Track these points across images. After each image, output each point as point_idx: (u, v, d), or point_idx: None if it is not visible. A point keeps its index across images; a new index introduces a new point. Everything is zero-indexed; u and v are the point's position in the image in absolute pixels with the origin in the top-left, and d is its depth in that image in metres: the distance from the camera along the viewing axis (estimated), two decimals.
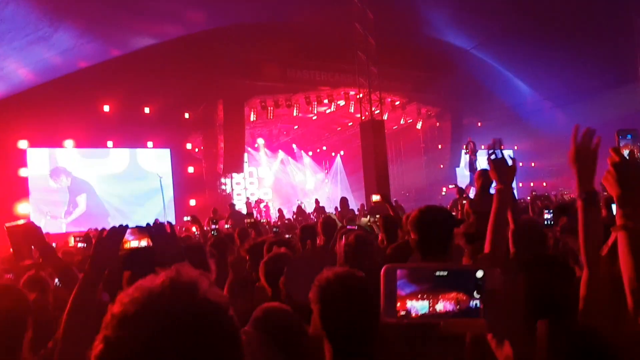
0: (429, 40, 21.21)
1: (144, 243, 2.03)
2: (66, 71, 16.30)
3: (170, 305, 0.87)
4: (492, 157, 2.52)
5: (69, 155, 18.02)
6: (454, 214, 6.05)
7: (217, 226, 5.97)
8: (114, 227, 1.99)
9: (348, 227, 5.18)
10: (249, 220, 6.53)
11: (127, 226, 2.03)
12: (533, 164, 28.24)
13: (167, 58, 16.95)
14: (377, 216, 6.23)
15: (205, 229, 7.69)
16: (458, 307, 1.03)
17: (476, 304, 1.03)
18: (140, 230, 2.03)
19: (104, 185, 18.52)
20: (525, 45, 21.21)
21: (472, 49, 22.38)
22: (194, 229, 10.95)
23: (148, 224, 2.06)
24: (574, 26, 19.12)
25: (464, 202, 8.54)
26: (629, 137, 1.73)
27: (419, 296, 1.02)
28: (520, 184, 26.77)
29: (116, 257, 2.01)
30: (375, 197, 6.89)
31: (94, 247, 1.96)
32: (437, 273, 1.03)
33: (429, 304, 1.03)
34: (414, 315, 1.03)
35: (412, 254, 3.07)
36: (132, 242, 2.02)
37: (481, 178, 5.48)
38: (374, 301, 1.77)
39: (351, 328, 1.77)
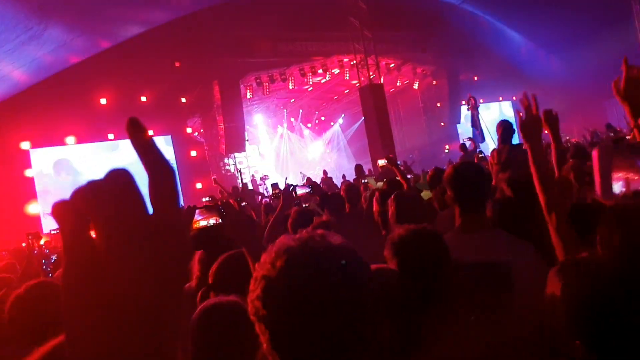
0: None
1: (212, 221, 2.09)
2: (59, 68, 16.20)
3: (317, 251, 1.04)
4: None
5: (76, 152, 17.99)
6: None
7: (243, 204, 5.98)
8: (184, 208, 2.05)
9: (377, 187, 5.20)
10: (276, 191, 6.51)
11: (195, 206, 2.09)
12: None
13: (157, 44, 16.82)
14: (368, 178, 6.34)
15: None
16: None
17: None
18: (208, 209, 2.09)
19: None
20: None
21: (461, 3, 22.17)
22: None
23: (216, 203, 2.12)
24: None
25: (480, 155, 8.62)
26: None
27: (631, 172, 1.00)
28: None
29: (188, 237, 2.07)
30: (382, 162, 6.93)
31: None
32: None
33: None
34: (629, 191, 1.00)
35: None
36: (202, 222, 2.08)
37: (501, 128, 5.55)
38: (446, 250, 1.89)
39: (427, 276, 1.85)
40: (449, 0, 22.05)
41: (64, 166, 18.04)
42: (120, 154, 18.54)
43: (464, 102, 20.46)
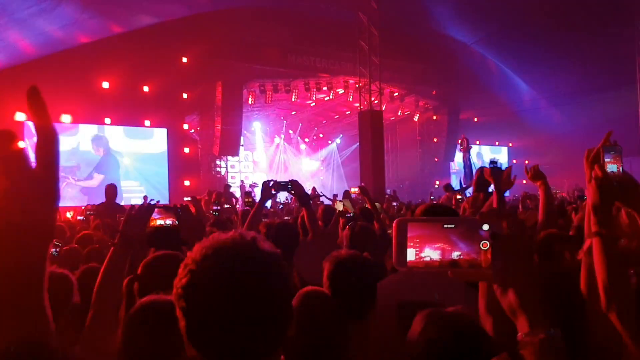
0: (431, 33, 21.25)
1: (169, 222, 2.12)
2: (66, 45, 16.21)
3: (240, 248, 1.11)
4: (492, 166, 2.70)
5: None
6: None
7: (219, 207, 6.00)
8: (142, 205, 2.08)
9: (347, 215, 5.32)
10: (248, 200, 6.54)
11: (155, 204, 2.12)
12: (527, 162, 28.42)
13: (168, 37, 16.92)
14: (343, 201, 6.59)
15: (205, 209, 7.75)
16: (463, 257, 1.09)
17: (482, 254, 1.09)
18: (166, 210, 2.12)
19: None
20: (525, 43, 21.33)
21: (472, 43, 22.45)
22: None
23: (175, 205, 2.15)
24: (574, 26, 19.24)
25: (458, 197, 8.71)
26: (611, 152, 1.85)
27: (428, 246, 1.09)
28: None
29: (143, 233, 2.10)
30: (354, 189, 7.06)
31: (123, 222, 2.05)
32: (445, 225, 1.09)
33: (438, 253, 1.09)
34: (423, 264, 1.11)
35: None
36: (158, 221, 2.11)
37: (477, 175, 5.64)
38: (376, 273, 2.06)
39: (358, 294, 2.12)
40: (461, 39, 22.32)
41: (103, 142, 18.46)
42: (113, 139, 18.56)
43: (458, 142, 20.63)
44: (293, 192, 4.12)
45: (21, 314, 0.88)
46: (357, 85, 17.43)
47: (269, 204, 12.74)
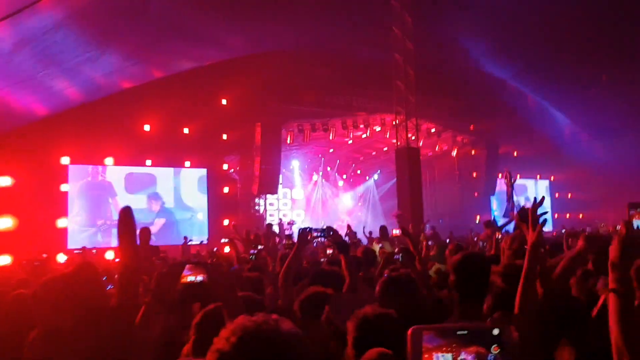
0: (467, 69, 21.25)
1: (200, 278, 2.13)
2: (110, 91, 16.84)
3: (264, 334, 1.17)
4: (521, 213, 2.66)
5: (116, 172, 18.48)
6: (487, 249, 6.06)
7: (256, 251, 5.96)
8: (174, 263, 2.11)
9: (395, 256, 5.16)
10: (289, 242, 6.46)
11: (186, 262, 2.14)
12: (569, 195, 27.75)
13: (207, 80, 17.39)
14: (382, 243, 6.46)
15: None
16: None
17: (494, 357, 1.16)
18: (197, 266, 2.14)
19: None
20: (563, 77, 21.07)
21: (509, 79, 22.31)
22: (227, 249, 11.05)
23: (205, 262, 2.17)
24: (612, 58, 18.93)
25: (499, 236, 8.51)
26: (638, 209, 1.85)
27: (444, 349, 1.15)
28: (556, 215, 26.30)
29: (175, 290, 2.13)
30: (396, 231, 6.94)
31: (155, 281, 2.07)
32: (459, 332, 1.16)
33: (452, 356, 1.15)
34: None
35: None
36: (189, 277, 2.13)
37: (518, 215, 5.54)
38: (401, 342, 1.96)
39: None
40: (497, 74, 22.22)
41: (159, 197, 19.02)
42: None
43: (500, 176, 20.33)
44: (330, 239, 4.09)
45: None
46: (394, 123, 17.45)
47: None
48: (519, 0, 16.26)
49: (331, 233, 4.04)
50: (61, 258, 14.79)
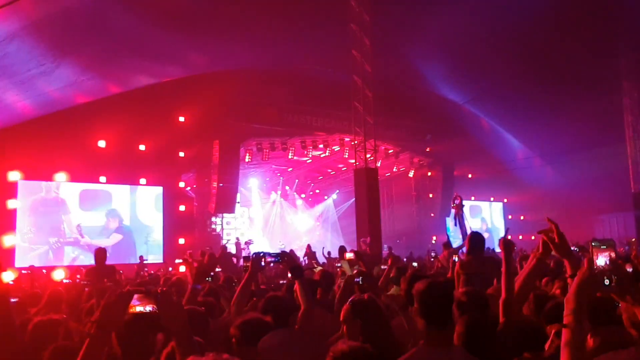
0: (424, 92, 21.70)
1: (149, 308, 2.07)
2: (64, 105, 16.44)
3: None
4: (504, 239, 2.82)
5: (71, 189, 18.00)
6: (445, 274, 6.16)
7: (212, 274, 5.84)
8: (121, 292, 2.04)
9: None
10: (246, 265, 6.32)
11: (134, 291, 2.08)
12: (522, 217, 28.46)
13: (165, 97, 17.18)
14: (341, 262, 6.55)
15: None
16: None
17: None
18: (146, 296, 2.08)
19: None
20: (516, 102, 21.76)
21: (465, 103, 22.86)
22: (182, 268, 10.85)
23: (155, 291, 2.11)
24: (564, 84, 19.65)
25: (455, 258, 8.65)
26: (602, 246, 1.87)
27: None
28: (509, 237, 26.84)
29: (122, 321, 2.05)
30: (349, 255, 6.97)
31: (100, 311, 2.00)
32: None
33: None
34: None
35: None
36: (138, 307, 2.06)
37: (470, 240, 5.70)
38: None
39: None
40: (453, 98, 22.74)
41: (116, 215, 18.62)
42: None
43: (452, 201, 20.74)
44: (283, 264, 4.04)
45: None
46: (353, 143, 17.61)
47: None
48: (474, 25, 16.71)
49: (285, 258, 3.99)
50: (7, 276, 14.19)
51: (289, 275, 4.18)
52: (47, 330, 3.47)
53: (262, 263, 4.02)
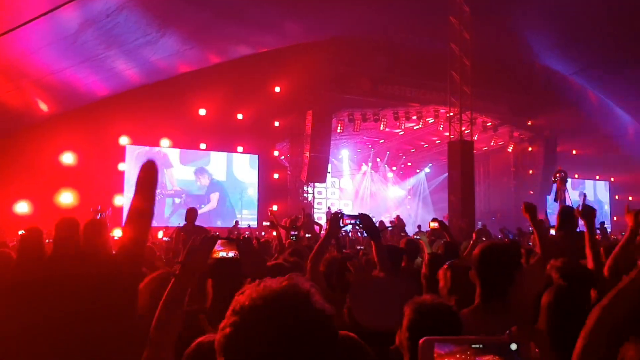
0: (528, 63, 20.60)
1: (231, 254, 2.14)
2: (168, 74, 17.25)
3: (291, 305, 1.04)
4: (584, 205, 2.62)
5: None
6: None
7: (296, 232, 5.95)
8: (205, 237, 2.11)
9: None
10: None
11: (218, 237, 2.14)
12: (630, 198, 26.60)
13: (263, 67, 17.55)
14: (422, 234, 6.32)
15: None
16: None
17: None
18: (229, 243, 2.14)
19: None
20: (629, 73, 20.13)
21: (572, 74, 21.48)
22: (274, 233, 11.16)
23: (237, 237, 2.17)
24: None
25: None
26: None
27: (457, 356, 1.07)
28: (615, 218, 25.31)
29: (205, 265, 2.13)
30: (433, 224, 6.76)
31: (185, 254, 2.08)
32: (473, 345, 1.08)
33: None
34: None
35: None
36: (221, 253, 2.14)
37: (561, 215, 5.39)
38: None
39: None
40: (559, 70, 21.44)
41: (205, 171, 19.77)
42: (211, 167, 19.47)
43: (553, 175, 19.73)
44: (361, 226, 3.96)
45: None
46: (448, 115, 17.13)
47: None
48: None
49: (362, 220, 3.93)
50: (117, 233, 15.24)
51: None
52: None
53: (341, 224, 4.01)
